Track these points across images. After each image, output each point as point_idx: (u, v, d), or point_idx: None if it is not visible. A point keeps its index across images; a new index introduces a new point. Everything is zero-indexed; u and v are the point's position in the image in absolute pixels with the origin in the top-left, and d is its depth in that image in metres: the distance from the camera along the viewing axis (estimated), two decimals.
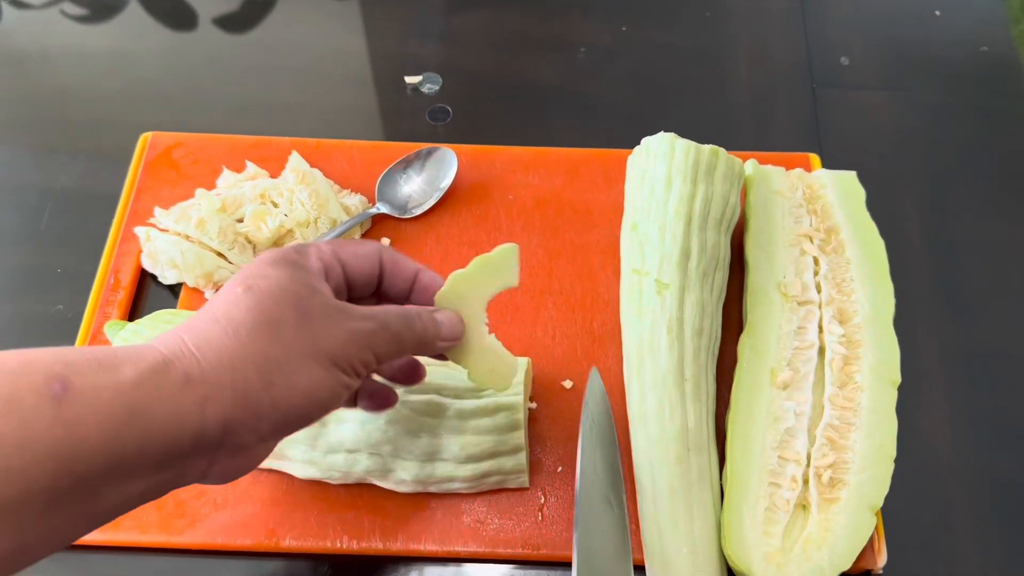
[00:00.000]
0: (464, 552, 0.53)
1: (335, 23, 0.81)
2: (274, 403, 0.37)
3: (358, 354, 0.40)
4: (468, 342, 0.46)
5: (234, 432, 0.36)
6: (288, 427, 0.39)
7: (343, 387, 0.39)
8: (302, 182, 0.63)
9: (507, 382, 0.48)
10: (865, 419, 0.53)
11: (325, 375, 0.38)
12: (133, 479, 0.34)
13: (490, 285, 0.47)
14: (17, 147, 0.73)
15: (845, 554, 0.49)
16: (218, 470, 0.38)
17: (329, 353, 0.38)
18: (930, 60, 0.77)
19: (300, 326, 0.38)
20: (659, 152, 0.59)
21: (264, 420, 0.37)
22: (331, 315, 0.40)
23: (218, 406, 0.36)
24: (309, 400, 0.38)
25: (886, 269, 0.59)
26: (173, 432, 0.35)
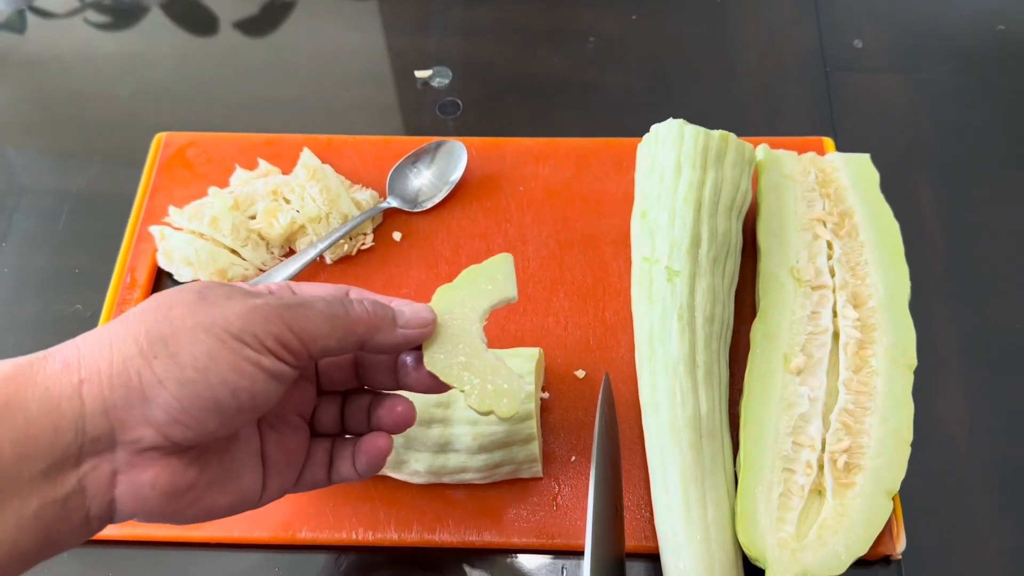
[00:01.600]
0: (479, 542, 0.53)
1: (348, 21, 0.81)
2: (160, 379, 0.33)
3: (264, 326, 0.35)
4: (462, 360, 0.42)
5: (121, 421, 0.33)
6: (191, 417, 0.34)
7: (253, 365, 0.35)
8: (313, 178, 0.64)
9: (511, 405, 0.42)
10: (881, 403, 0.52)
11: (220, 347, 0.34)
12: (20, 494, 0.31)
13: (483, 298, 0.44)
14: (35, 150, 0.74)
15: (861, 539, 0.48)
16: (128, 484, 0.34)
17: (224, 324, 0.34)
18: (945, 41, 0.76)
19: (194, 305, 0.35)
20: (668, 139, 0.58)
21: (153, 403, 0.33)
22: (234, 295, 0.36)
23: (95, 387, 0.32)
24: (204, 375, 0.33)
25: (901, 252, 0.58)
26: (50, 423, 0.32)
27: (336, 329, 0.38)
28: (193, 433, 0.34)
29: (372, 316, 0.39)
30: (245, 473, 0.39)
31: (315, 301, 0.38)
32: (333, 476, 0.44)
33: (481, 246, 0.64)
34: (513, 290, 0.44)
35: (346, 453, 0.44)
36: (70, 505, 0.33)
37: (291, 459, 0.43)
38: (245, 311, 0.35)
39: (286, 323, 0.36)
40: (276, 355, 0.35)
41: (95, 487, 0.33)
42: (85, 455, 0.33)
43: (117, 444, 0.33)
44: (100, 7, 0.83)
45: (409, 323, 0.41)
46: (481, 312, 0.43)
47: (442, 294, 0.44)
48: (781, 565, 0.47)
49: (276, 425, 0.42)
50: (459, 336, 0.43)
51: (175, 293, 0.36)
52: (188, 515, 0.37)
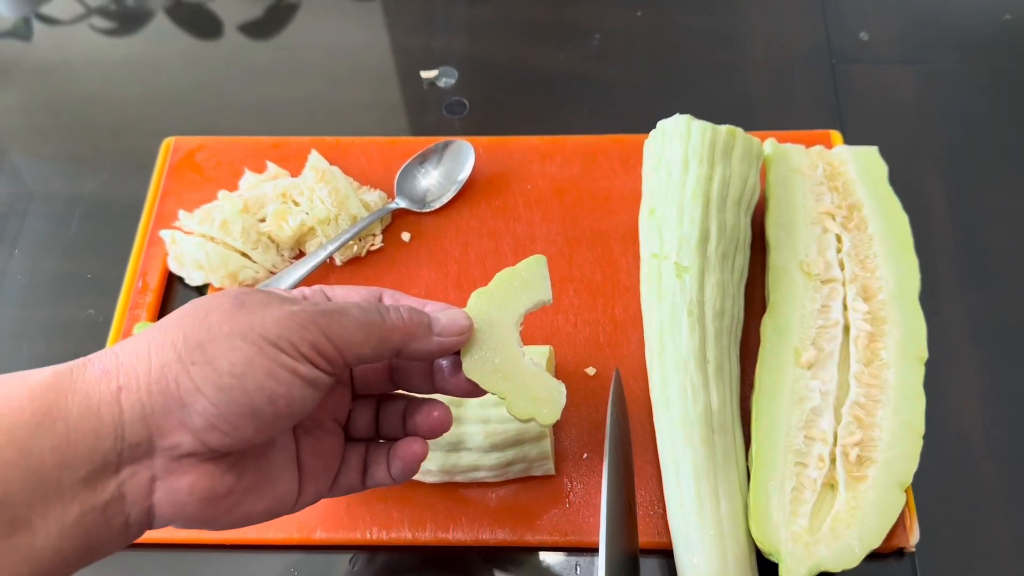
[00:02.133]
0: (492, 540, 0.53)
1: (352, 23, 0.81)
2: (198, 385, 0.33)
3: (300, 333, 0.35)
4: (500, 366, 0.42)
5: (159, 428, 0.33)
6: (229, 423, 0.34)
7: (289, 371, 0.35)
8: (322, 180, 0.64)
9: (553, 412, 0.42)
10: (892, 396, 0.52)
11: (256, 353, 0.34)
12: (61, 501, 0.32)
13: (519, 302, 0.43)
14: (45, 156, 0.74)
15: (874, 532, 0.48)
16: (166, 491, 0.34)
17: (261, 331, 0.34)
18: (951, 31, 0.76)
19: (231, 311, 0.35)
20: (675, 135, 0.58)
21: (191, 409, 0.33)
22: (271, 302, 0.36)
23: (134, 393, 0.33)
24: (241, 381, 0.33)
25: (910, 244, 0.58)
26: (90, 429, 0.32)
27: (372, 336, 0.38)
28: (231, 439, 0.34)
29: (408, 324, 0.39)
30: (282, 479, 0.40)
31: (350, 308, 0.38)
32: (368, 481, 0.44)
33: (490, 245, 0.64)
34: (548, 292, 0.44)
35: (381, 458, 0.44)
36: (110, 511, 0.33)
37: (327, 464, 0.43)
38: (282, 318, 0.35)
39: (322, 330, 0.36)
40: (312, 362, 0.36)
41: (134, 493, 0.34)
42: (124, 462, 0.33)
43: (155, 450, 0.34)
44: (105, 13, 0.83)
45: (445, 330, 0.40)
46: (518, 316, 0.43)
47: (478, 299, 0.43)
48: (795, 559, 0.47)
49: (312, 430, 0.42)
50: (497, 341, 0.42)
51: (212, 299, 0.36)
52: (225, 521, 0.37)
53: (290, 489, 0.40)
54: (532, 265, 0.44)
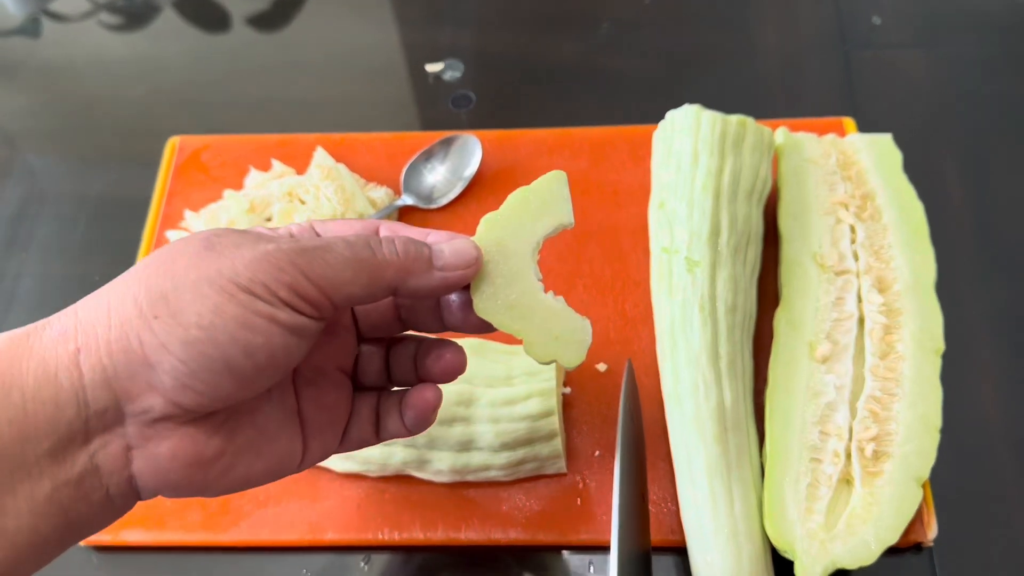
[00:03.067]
0: (504, 540, 0.53)
1: (357, 16, 0.81)
2: (163, 341, 0.30)
3: (276, 274, 0.31)
4: (517, 302, 0.37)
5: (125, 391, 0.30)
6: (203, 381, 0.30)
7: (266, 319, 0.31)
8: (327, 178, 0.63)
9: (577, 353, 0.38)
10: (908, 389, 0.52)
11: (227, 300, 0.30)
12: (29, 477, 0.29)
13: (535, 226, 0.38)
14: (51, 157, 0.74)
15: (891, 528, 0.48)
16: (145, 459, 0.31)
17: (231, 275, 0.31)
18: (966, 14, 0.75)
19: (198, 255, 0.31)
20: (684, 126, 0.58)
21: (158, 368, 0.30)
22: (244, 242, 0.32)
23: (93, 355, 0.30)
24: (210, 333, 0.30)
25: (926, 233, 0.57)
26: (49, 398, 0.29)
27: (361, 274, 0.33)
28: (207, 399, 0.31)
29: (404, 258, 0.35)
30: (282, 436, 0.36)
31: (336, 243, 0.33)
32: (381, 433, 0.41)
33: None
34: (569, 214, 0.38)
35: (393, 408, 0.40)
36: (86, 485, 0.31)
37: (333, 417, 0.39)
38: (255, 259, 0.31)
39: (301, 270, 0.32)
40: (292, 306, 0.32)
41: (109, 464, 0.31)
42: (93, 431, 0.31)
43: (126, 417, 0.31)
44: (113, 8, 0.83)
45: (449, 263, 0.35)
46: (535, 243, 0.38)
47: (489, 225, 0.38)
48: (810, 556, 0.47)
49: (314, 381, 0.38)
50: (511, 273, 0.37)
51: (181, 243, 0.32)
52: (221, 485, 0.34)
53: (292, 446, 0.37)
54: (549, 183, 0.38)
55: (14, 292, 0.66)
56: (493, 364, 0.54)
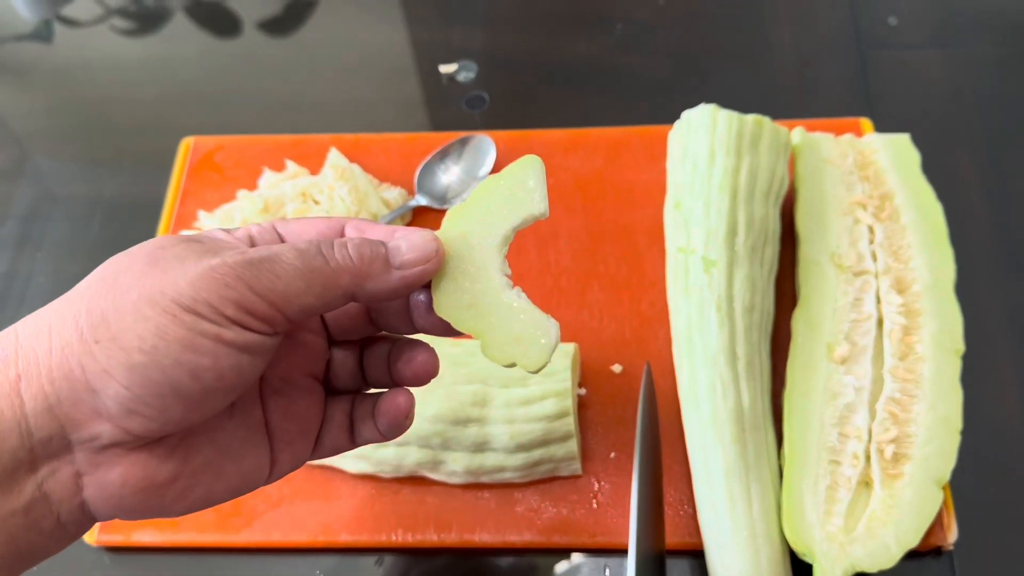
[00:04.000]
0: (519, 542, 0.52)
1: (370, 17, 0.80)
2: (104, 367, 0.28)
3: (220, 291, 0.29)
4: (478, 300, 0.34)
5: (70, 419, 0.29)
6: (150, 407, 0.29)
7: (210, 339, 0.29)
8: (341, 178, 0.63)
9: (539, 356, 0.34)
10: (928, 390, 0.51)
11: (169, 322, 0.29)
12: None
13: (504, 218, 0.35)
14: (66, 158, 0.74)
15: (912, 530, 0.47)
16: (96, 486, 0.30)
17: (173, 295, 0.29)
18: (983, 13, 0.74)
19: (141, 272, 0.30)
20: (700, 125, 0.57)
21: (102, 394, 0.29)
22: (188, 255, 0.30)
23: (35, 383, 0.29)
24: (153, 358, 0.28)
25: (945, 233, 0.57)
26: None
27: (314, 284, 0.31)
28: (156, 424, 0.30)
29: (359, 261, 0.32)
30: (246, 453, 0.34)
31: (284, 253, 0.31)
32: (357, 439, 0.39)
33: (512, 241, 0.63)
34: (542, 203, 0.35)
35: (367, 413, 0.38)
36: (34, 513, 0.30)
37: (304, 427, 0.37)
38: (198, 276, 0.29)
39: (248, 284, 0.30)
40: (241, 324, 0.30)
41: (59, 492, 0.30)
42: (39, 459, 0.29)
43: (73, 444, 0.30)
44: (125, 13, 0.83)
45: (407, 261, 0.33)
46: (502, 237, 0.35)
47: (454, 217, 0.35)
48: (830, 559, 0.46)
49: (281, 390, 0.36)
50: (475, 270, 0.34)
51: (125, 257, 0.31)
52: (179, 508, 0.33)
53: (259, 462, 0.35)
54: (520, 170, 0.35)
55: (25, 291, 0.66)
56: None
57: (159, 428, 0.30)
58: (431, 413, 0.52)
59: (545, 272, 0.62)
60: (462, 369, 0.53)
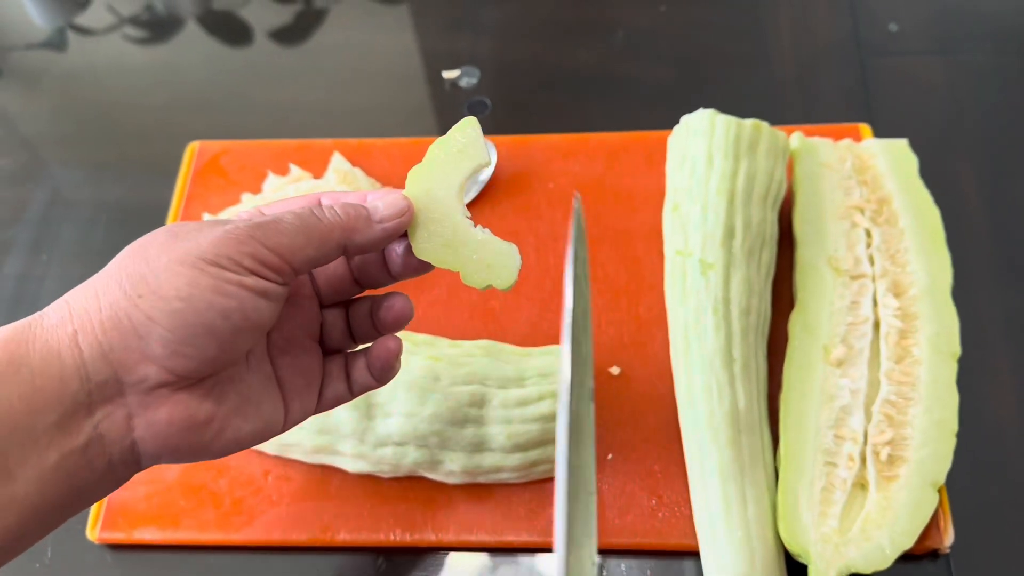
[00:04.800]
0: (516, 542, 0.53)
1: (376, 25, 0.81)
2: (149, 315, 0.33)
3: (237, 248, 0.35)
4: (450, 240, 0.41)
5: (122, 363, 0.34)
6: (189, 346, 0.34)
7: (235, 285, 0.35)
8: (343, 181, 0.64)
9: (509, 276, 0.41)
10: (924, 393, 0.51)
11: (199, 274, 0.34)
12: (37, 447, 0.32)
13: (457, 170, 0.41)
14: (74, 163, 0.75)
15: (907, 533, 0.47)
16: (145, 426, 0.35)
17: (198, 253, 0.34)
18: (984, 20, 0.74)
19: (166, 242, 0.35)
20: (699, 130, 0.58)
21: (148, 339, 0.34)
22: (204, 227, 0.36)
23: (90, 335, 0.33)
24: (190, 303, 0.34)
25: (942, 238, 0.57)
26: (55, 374, 0.33)
27: (312, 239, 0.37)
28: (195, 362, 0.35)
29: (346, 218, 0.39)
30: (265, 399, 0.40)
31: (285, 216, 0.37)
32: (354, 388, 0.44)
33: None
34: (485, 154, 0.42)
35: (361, 363, 0.44)
36: (90, 453, 0.34)
37: (308, 380, 0.43)
38: (217, 238, 0.35)
39: (260, 241, 0.36)
40: (257, 273, 0.36)
41: (113, 433, 0.34)
42: (96, 403, 0.34)
43: (125, 387, 0.34)
44: (138, 22, 0.84)
45: (386, 216, 0.40)
46: (458, 185, 0.41)
47: (415, 177, 0.41)
48: (824, 560, 0.46)
49: (287, 349, 0.42)
50: (442, 216, 0.41)
51: (149, 236, 0.36)
52: (216, 448, 0.38)
53: (275, 408, 0.40)
54: (463, 128, 0.42)
55: (37, 293, 0.67)
56: (505, 365, 0.54)
57: (197, 366, 0.35)
58: (429, 413, 0.52)
59: (544, 276, 0.62)
60: (460, 370, 0.53)
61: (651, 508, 0.53)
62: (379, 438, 0.53)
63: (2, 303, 0.67)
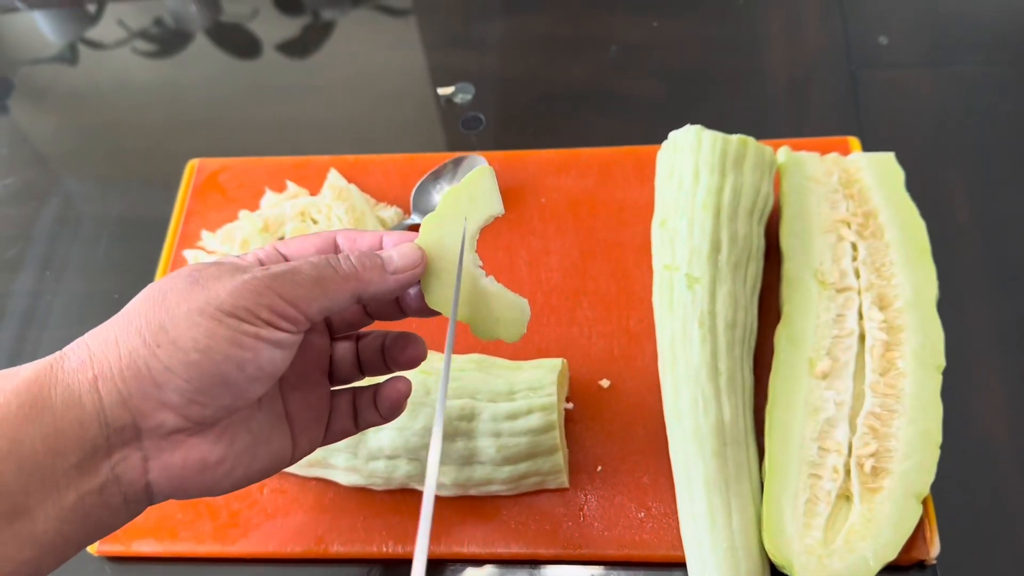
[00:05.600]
0: (507, 554, 0.53)
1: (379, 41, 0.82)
2: (167, 365, 0.34)
3: (255, 299, 0.36)
4: (462, 291, 0.42)
5: (140, 411, 0.35)
6: (205, 395, 0.35)
7: (251, 337, 0.35)
8: (339, 198, 0.65)
9: (516, 330, 0.42)
10: (909, 405, 0.52)
11: (217, 326, 0.35)
12: (57, 487, 0.33)
13: (471, 220, 0.42)
14: (77, 179, 0.77)
15: (890, 544, 0.48)
16: (160, 468, 0.36)
17: (217, 303, 0.35)
18: (973, 31, 0.75)
19: (186, 290, 0.36)
20: (686, 145, 0.58)
21: (166, 388, 0.35)
22: (223, 274, 0.37)
23: (110, 382, 0.34)
24: (207, 355, 0.35)
25: (927, 251, 0.57)
26: (75, 418, 0.34)
27: (328, 290, 0.38)
28: (210, 410, 0.36)
29: (361, 270, 0.39)
30: (274, 437, 0.41)
31: (302, 266, 0.38)
32: (360, 424, 0.46)
33: (505, 259, 0.65)
34: (498, 204, 0.42)
35: (368, 401, 0.45)
36: (107, 493, 0.35)
37: (317, 415, 0.44)
38: (235, 288, 0.36)
39: (277, 293, 0.36)
40: (273, 325, 0.36)
41: (129, 474, 0.35)
42: (114, 446, 0.35)
43: (142, 432, 0.35)
44: (147, 36, 0.86)
45: (399, 267, 0.40)
46: (472, 235, 0.42)
47: (428, 227, 0.42)
48: (808, 571, 0.47)
49: (298, 385, 0.43)
50: (454, 267, 0.41)
51: (168, 281, 0.37)
52: (226, 485, 0.39)
53: (284, 445, 0.42)
54: (477, 179, 0.42)
55: (33, 309, 0.69)
56: (496, 379, 0.54)
57: (212, 414, 0.36)
58: (420, 426, 0.53)
59: (536, 290, 0.63)
60: (451, 384, 0.54)
61: (639, 520, 0.53)
62: (371, 451, 0.54)
63: (13, 318, 0.69)
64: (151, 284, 0.38)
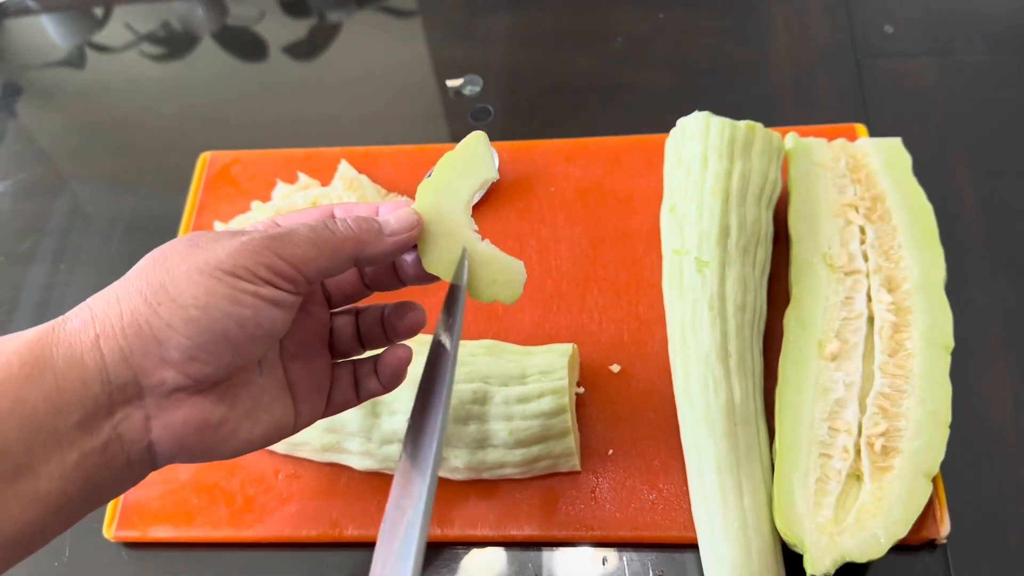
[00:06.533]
0: (520, 536, 0.54)
1: (386, 37, 0.83)
2: (168, 322, 0.35)
3: (254, 258, 0.36)
4: (458, 255, 0.42)
5: (141, 368, 0.35)
6: (206, 352, 0.36)
7: (250, 295, 0.36)
8: (350, 188, 0.66)
9: (514, 290, 0.43)
10: (918, 385, 0.52)
11: (216, 283, 0.35)
12: (60, 446, 0.34)
13: (466, 185, 0.42)
14: (89, 176, 0.77)
15: (900, 522, 0.48)
16: (162, 428, 0.36)
17: (216, 263, 0.36)
18: (978, 19, 0.75)
19: (185, 252, 0.37)
20: (694, 132, 0.59)
21: (167, 345, 0.35)
22: (221, 237, 0.37)
23: (111, 340, 0.35)
24: (207, 312, 0.35)
25: (935, 234, 0.58)
26: (77, 376, 0.34)
27: (325, 251, 0.39)
28: (211, 367, 0.36)
29: (358, 231, 0.40)
30: (276, 404, 0.41)
31: (299, 228, 0.39)
32: (362, 394, 0.46)
33: (515, 247, 0.65)
34: (492, 169, 0.43)
35: (369, 370, 0.46)
36: (109, 452, 0.35)
37: (318, 384, 0.44)
38: (234, 248, 0.36)
39: (275, 252, 0.37)
40: (271, 283, 0.37)
41: (131, 433, 0.36)
42: (116, 404, 0.35)
43: (144, 390, 0.35)
44: (154, 39, 0.86)
45: (396, 230, 0.41)
46: (466, 200, 0.42)
47: (424, 191, 0.42)
48: (819, 549, 0.47)
49: (298, 354, 0.44)
50: (451, 230, 0.42)
51: (168, 246, 0.38)
52: (227, 449, 0.39)
53: (286, 411, 0.42)
54: (471, 144, 0.42)
55: (48, 305, 0.69)
56: (507, 363, 0.55)
57: (213, 372, 0.37)
58: None
59: (546, 277, 0.63)
60: (462, 368, 0.55)
61: (651, 502, 0.54)
62: (384, 435, 0.54)
63: (26, 312, 0.69)
64: (155, 249, 0.38)
